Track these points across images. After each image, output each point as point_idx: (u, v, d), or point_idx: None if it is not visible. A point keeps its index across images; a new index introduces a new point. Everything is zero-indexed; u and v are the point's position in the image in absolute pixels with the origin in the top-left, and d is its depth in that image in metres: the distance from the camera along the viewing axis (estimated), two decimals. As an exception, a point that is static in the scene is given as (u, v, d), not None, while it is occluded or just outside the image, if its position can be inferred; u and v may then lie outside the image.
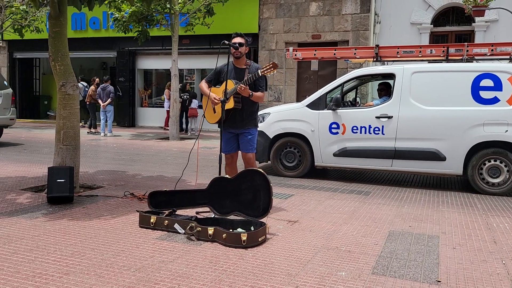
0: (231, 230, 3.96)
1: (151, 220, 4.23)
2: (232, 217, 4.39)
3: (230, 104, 4.74)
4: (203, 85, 5.06)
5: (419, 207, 5.47)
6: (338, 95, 7.10)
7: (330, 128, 7.04)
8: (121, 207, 5.04)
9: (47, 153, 9.37)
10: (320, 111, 7.13)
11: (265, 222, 4.14)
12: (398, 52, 7.45)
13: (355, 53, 7.79)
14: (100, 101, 13.82)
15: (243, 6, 14.91)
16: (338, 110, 7.01)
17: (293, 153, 7.37)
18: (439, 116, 6.55)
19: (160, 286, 2.98)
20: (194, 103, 14.90)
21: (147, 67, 17.77)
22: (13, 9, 14.54)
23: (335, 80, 7.42)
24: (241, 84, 4.65)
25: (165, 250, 3.67)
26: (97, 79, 14.66)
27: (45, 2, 5.85)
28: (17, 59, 19.12)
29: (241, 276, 3.18)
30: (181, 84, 14.87)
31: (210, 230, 3.91)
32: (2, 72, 18.49)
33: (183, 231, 4.06)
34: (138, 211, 4.51)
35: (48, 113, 19.59)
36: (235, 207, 4.42)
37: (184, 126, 15.44)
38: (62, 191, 5.11)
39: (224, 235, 3.82)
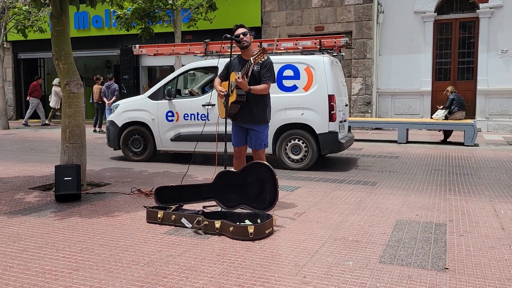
0: (238, 223, 3.98)
1: (158, 215, 4.25)
2: (238, 210, 4.40)
3: (233, 97, 4.72)
4: (216, 81, 5.05)
5: (426, 195, 5.46)
6: (169, 87, 7.95)
7: (167, 116, 7.92)
8: (128, 204, 5.07)
9: (54, 152, 9.44)
10: (159, 101, 8.02)
11: (272, 214, 4.15)
12: (223, 47, 8.07)
13: (189, 49, 8.66)
14: (105, 99, 13.88)
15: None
16: (173, 100, 7.88)
17: (139, 140, 8.27)
18: None
19: (168, 279, 3.00)
20: None
21: (151, 64, 17.78)
22: (16, 9, 14.60)
23: (172, 73, 8.31)
24: (236, 78, 4.56)
25: (173, 244, 3.69)
26: (102, 78, 14.70)
27: (46, 2, 5.86)
28: (22, 59, 19.20)
29: (248, 268, 3.19)
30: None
31: (217, 224, 3.92)
32: (7, 73, 18.59)
33: (190, 225, 4.09)
34: (145, 207, 4.53)
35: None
36: (241, 200, 4.43)
37: None
38: (70, 189, 5.14)
39: (231, 228, 3.84)
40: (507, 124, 12.86)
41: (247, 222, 4.08)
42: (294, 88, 7.26)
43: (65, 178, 5.15)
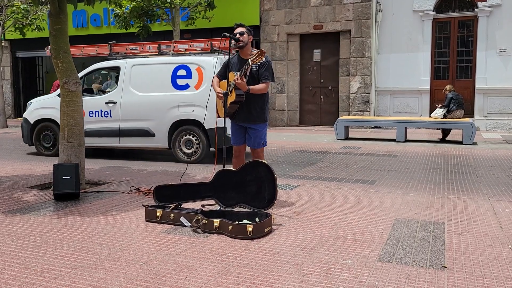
0: (237, 222, 3.98)
1: (157, 214, 4.25)
2: (237, 209, 4.41)
3: (232, 97, 4.72)
4: (214, 80, 5.05)
5: (425, 194, 5.47)
6: None
7: None
8: (127, 202, 5.07)
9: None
10: None
11: (271, 213, 4.15)
12: (127, 49, 8.79)
13: (96, 50, 9.21)
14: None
15: (243, -2, 14.85)
16: None
17: (49, 136, 8.87)
18: (149, 101, 8.01)
19: (167, 278, 3.00)
20: None
21: (150, 63, 17.73)
22: (14, 8, 14.56)
23: (79, 73, 8.85)
24: (235, 79, 4.56)
25: (171, 243, 3.69)
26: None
27: (44, 0, 5.85)
28: (20, 58, 19.14)
29: (247, 267, 3.20)
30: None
31: (216, 222, 3.92)
32: (5, 72, 18.55)
33: (189, 224, 4.09)
34: (144, 206, 4.53)
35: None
36: (240, 199, 4.44)
37: None
38: (68, 188, 5.14)
39: (230, 227, 3.84)
40: (506, 122, 12.87)
41: (246, 221, 4.08)
42: (186, 86, 7.83)
43: (63, 177, 5.14)
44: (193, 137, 7.84)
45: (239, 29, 4.79)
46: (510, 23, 12.73)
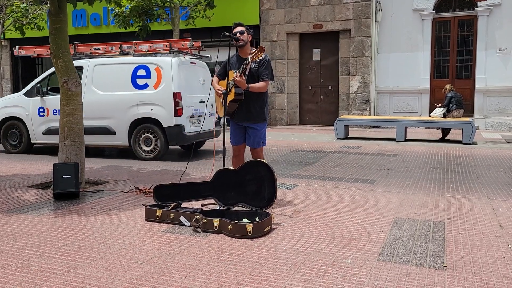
0: (236, 221, 3.98)
1: (157, 214, 4.25)
2: (237, 208, 4.40)
3: (231, 96, 4.72)
4: (213, 79, 5.05)
5: (424, 193, 5.47)
6: (38, 85, 8.76)
7: (39, 111, 8.78)
8: (126, 202, 5.07)
9: (52, 150, 9.42)
10: (32, 98, 8.82)
11: (270, 212, 4.15)
12: (91, 49, 9.03)
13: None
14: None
15: (243, -3, 14.84)
16: (44, 97, 8.69)
17: (16, 134, 9.17)
18: (109, 99, 8.23)
19: (167, 277, 3.00)
20: None
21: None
22: (14, 7, 14.55)
23: (44, 73, 9.09)
24: (234, 76, 4.56)
25: (171, 243, 3.69)
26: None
27: (44, -1, 5.86)
28: (19, 57, 19.10)
29: (247, 266, 3.20)
30: None
31: (216, 222, 3.92)
32: (5, 71, 18.53)
33: (189, 224, 4.09)
34: (143, 205, 4.53)
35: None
36: (240, 198, 4.44)
37: None
38: (68, 187, 5.14)
39: (229, 226, 3.84)
40: (505, 122, 12.88)
41: (246, 220, 4.08)
42: (145, 86, 8.06)
43: (63, 176, 5.14)
44: (151, 135, 8.06)
45: (239, 28, 4.79)
46: (510, 23, 12.73)
